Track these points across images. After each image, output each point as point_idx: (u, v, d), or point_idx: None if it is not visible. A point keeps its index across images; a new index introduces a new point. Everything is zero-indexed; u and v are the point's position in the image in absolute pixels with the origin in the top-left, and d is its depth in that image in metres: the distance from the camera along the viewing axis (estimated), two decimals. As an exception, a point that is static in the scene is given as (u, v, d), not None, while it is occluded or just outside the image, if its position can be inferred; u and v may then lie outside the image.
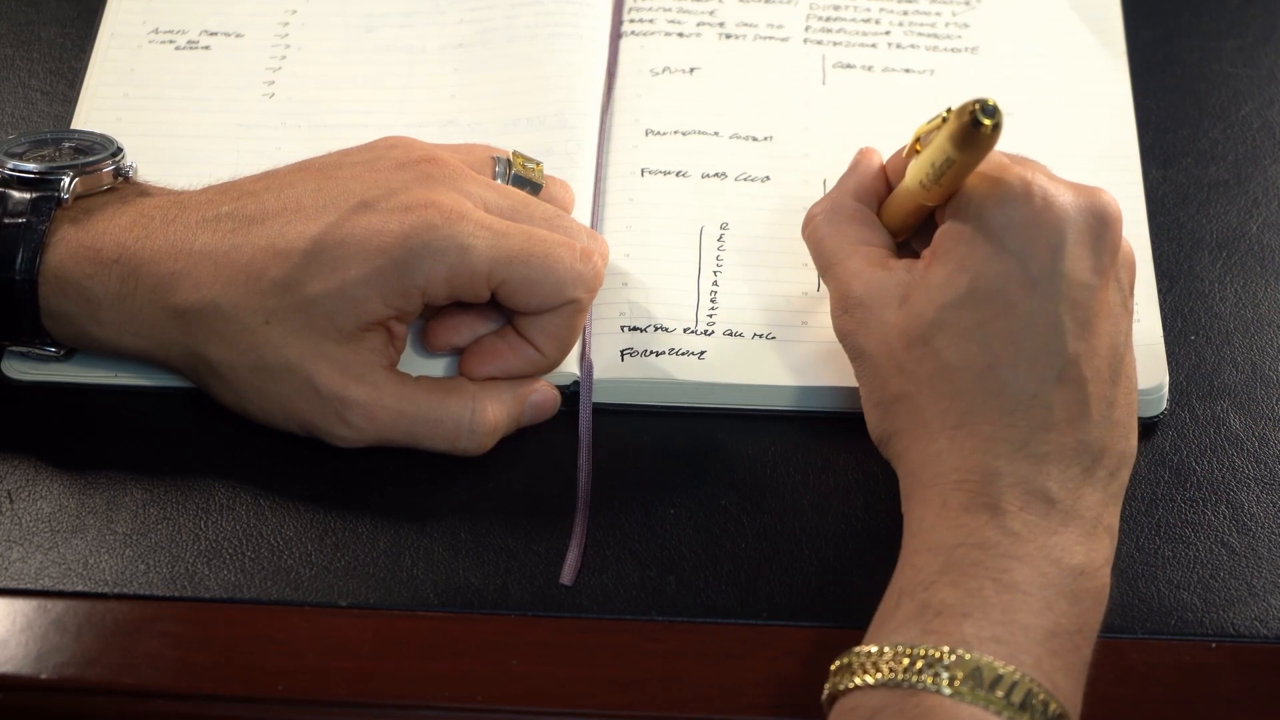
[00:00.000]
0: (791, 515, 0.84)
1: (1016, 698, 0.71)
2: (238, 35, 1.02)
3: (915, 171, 0.81)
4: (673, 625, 0.81)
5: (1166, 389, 0.88)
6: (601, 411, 0.87)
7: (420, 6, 1.03)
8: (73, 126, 0.97)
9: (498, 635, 0.80)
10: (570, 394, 0.87)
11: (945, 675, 0.71)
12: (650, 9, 1.03)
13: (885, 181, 0.86)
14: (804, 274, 0.91)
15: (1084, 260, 0.78)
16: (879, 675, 0.72)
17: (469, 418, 0.84)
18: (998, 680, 0.71)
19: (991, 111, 0.76)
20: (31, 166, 0.85)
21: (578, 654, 0.80)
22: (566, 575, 0.82)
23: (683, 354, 0.88)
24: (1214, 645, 0.80)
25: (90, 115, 0.97)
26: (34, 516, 0.83)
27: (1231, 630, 0.81)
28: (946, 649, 0.72)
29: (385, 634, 0.80)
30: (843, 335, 0.82)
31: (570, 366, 0.87)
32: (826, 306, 0.90)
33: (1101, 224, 0.79)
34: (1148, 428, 0.87)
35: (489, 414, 0.84)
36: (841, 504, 0.85)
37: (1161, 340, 0.89)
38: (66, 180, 0.84)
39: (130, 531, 0.83)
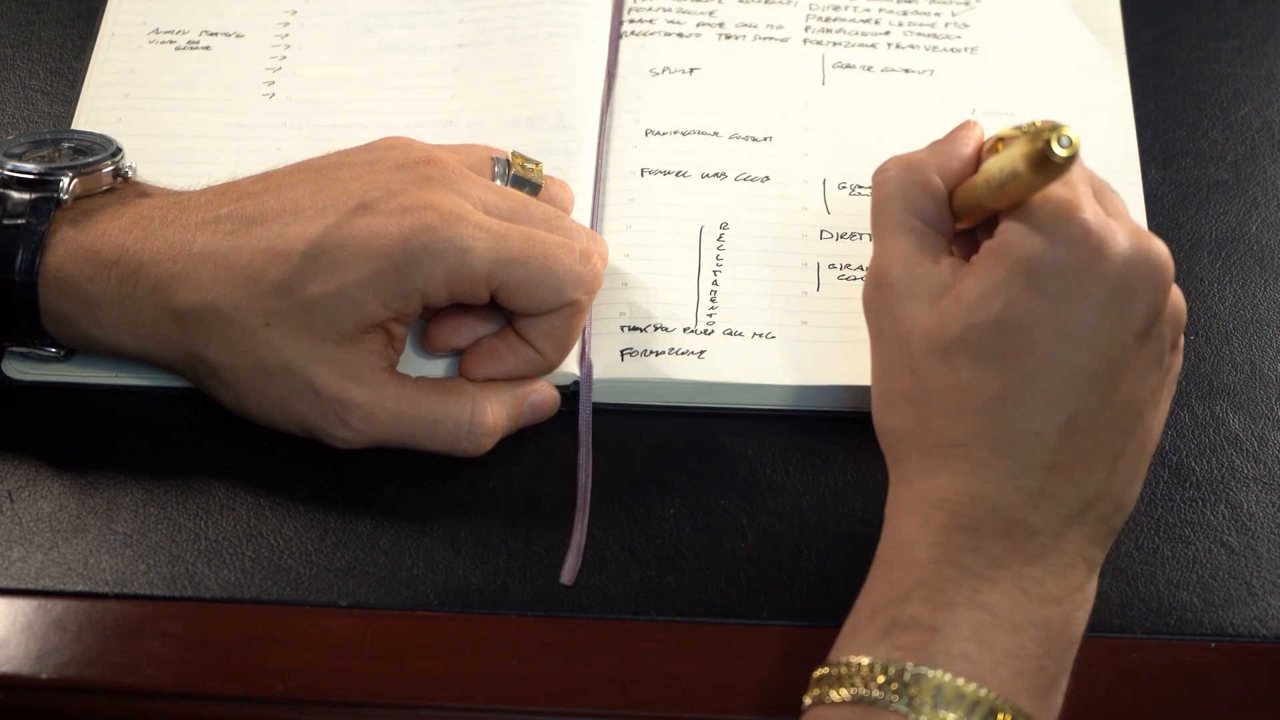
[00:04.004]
0: (791, 515, 0.84)
1: (979, 714, 0.71)
2: (238, 35, 1.02)
3: (984, 172, 0.80)
4: (672, 625, 0.81)
5: (1166, 389, 0.88)
6: (601, 411, 0.87)
7: (420, 6, 1.03)
8: (73, 127, 0.97)
9: (498, 635, 0.80)
10: (570, 394, 0.87)
11: (909, 693, 0.72)
12: (650, 9, 1.03)
13: (973, 165, 0.82)
14: (804, 274, 0.91)
15: (1122, 319, 0.76)
16: (845, 691, 0.72)
17: (468, 419, 0.84)
18: (960, 699, 0.72)
19: (1067, 143, 0.75)
20: (31, 167, 0.85)
21: (578, 654, 0.80)
22: (566, 575, 0.82)
23: (682, 354, 0.88)
24: (1213, 645, 0.81)
25: (90, 115, 0.97)
26: (34, 516, 0.83)
27: (1230, 630, 0.81)
28: (911, 665, 0.72)
29: (385, 634, 0.80)
30: (867, 308, 0.81)
31: (570, 366, 0.87)
32: (826, 306, 0.90)
33: (1148, 284, 0.77)
34: (1147, 428, 0.87)
35: (488, 415, 0.84)
36: (841, 504, 0.85)
37: (1161, 340, 0.89)
38: (65, 181, 0.84)
39: (130, 531, 0.83)
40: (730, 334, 0.89)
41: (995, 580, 0.74)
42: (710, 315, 0.90)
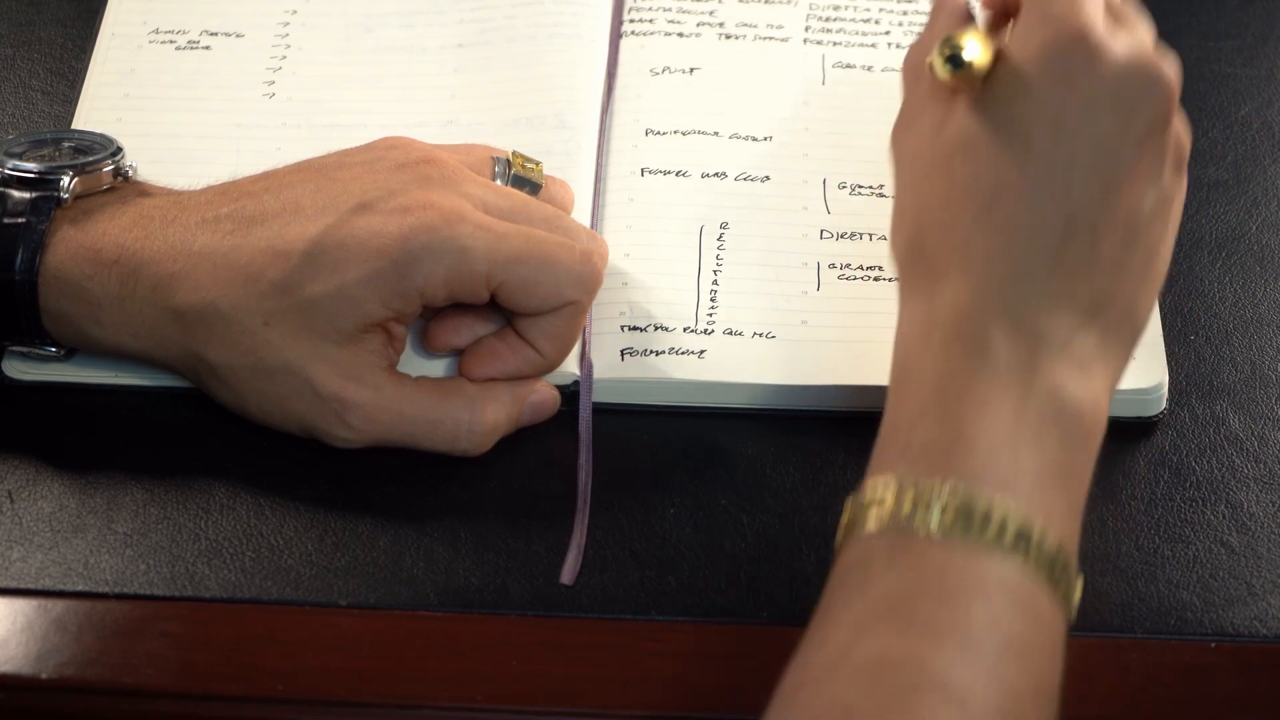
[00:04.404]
0: (791, 515, 0.84)
1: (1009, 534, 0.70)
2: (238, 35, 1.02)
3: None
4: (673, 625, 0.81)
5: (1166, 388, 0.88)
6: (601, 411, 0.87)
7: (420, 6, 1.03)
8: (73, 126, 0.97)
9: (498, 635, 0.80)
10: (570, 394, 0.87)
11: (936, 510, 0.70)
12: (650, 9, 1.03)
13: (968, 16, 0.83)
14: (804, 273, 0.91)
15: (1116, 125, 0.76)
16: (873, 522, 0.71)
17: (468, 418, 0.84)
18: (988, 516, 0.70)
19: (954, 58, 0.76)
20: (31, 166, 0.85)
21: (578, 654, 0.80)
22: (566, 575, 0.82)
23: (683, 353, 0.88)
24: (1213, 645, 0.80)
25: (90, 115, 0.98)
26: (34, 516, 0.83)
27: (1231, 630, 0.81)
28: (938, 480, 0.71)
29: (385, 634, 0.80)
30: (892, 144, 0.81)
31: (570, 366, 0.87)
32: (826, 306, 0.90)
33: (1146, 97, 0.77)
34: (1147, 427, 0.87)
35: (488, 414, 0.84)
36: (841, 504, 0.84)
37: (1161, 339, 0.89)
38: (66, 180, 0.84)
39: (130, 531, 0.83)
40: (730, 334, 0.89)
41: (1006, 390, 0.73)
42: (710, 315, 0.90)
